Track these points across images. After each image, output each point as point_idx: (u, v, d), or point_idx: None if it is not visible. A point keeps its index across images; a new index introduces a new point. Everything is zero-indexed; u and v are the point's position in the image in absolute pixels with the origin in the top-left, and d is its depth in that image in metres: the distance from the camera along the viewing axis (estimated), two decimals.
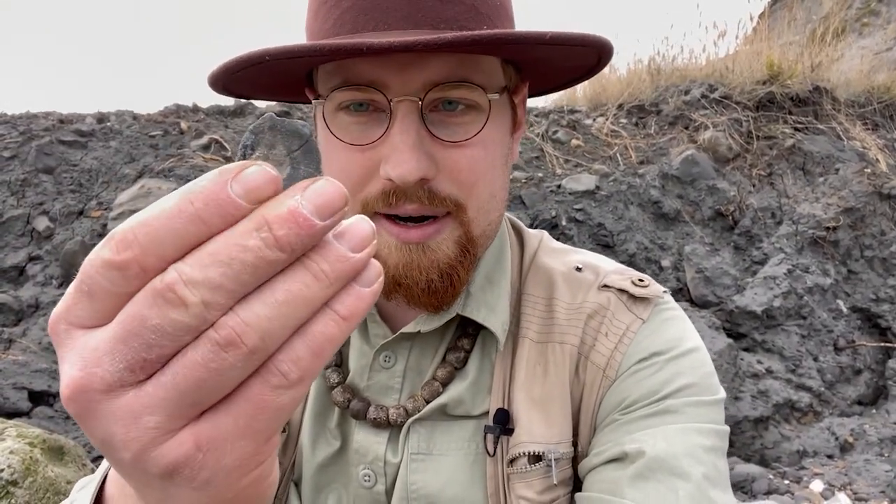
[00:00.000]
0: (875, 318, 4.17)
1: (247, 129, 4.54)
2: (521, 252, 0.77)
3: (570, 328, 0.69)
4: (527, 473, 0.64)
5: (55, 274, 3.99)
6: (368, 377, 0.71)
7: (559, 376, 0.68)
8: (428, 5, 0.59)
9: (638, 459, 0.60)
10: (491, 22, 0.62)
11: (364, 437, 0.69)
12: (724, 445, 0.64)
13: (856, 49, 7.53)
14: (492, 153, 0.63)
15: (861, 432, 3.50)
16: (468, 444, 0.67)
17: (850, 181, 4.53)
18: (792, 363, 3.85)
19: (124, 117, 5.15)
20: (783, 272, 4.09)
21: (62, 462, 2.37)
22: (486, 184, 0.64)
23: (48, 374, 3.30)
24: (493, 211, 0.66)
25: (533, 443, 0.65)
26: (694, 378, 0.65)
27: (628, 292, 0.70)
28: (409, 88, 0.59)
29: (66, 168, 4.58)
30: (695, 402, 0.64)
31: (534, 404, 0.66)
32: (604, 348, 0.68)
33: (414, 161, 0.58)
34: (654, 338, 0.68)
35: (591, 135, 5.18)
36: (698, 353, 0.68)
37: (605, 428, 0.65)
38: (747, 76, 5.42)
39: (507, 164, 0.67)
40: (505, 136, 0.66)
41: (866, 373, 4.01)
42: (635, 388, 0.65)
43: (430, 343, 0.71)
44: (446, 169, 0.61)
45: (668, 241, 4.55)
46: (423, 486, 0.66)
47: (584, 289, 0.72)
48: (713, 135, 4.98)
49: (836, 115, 5.35)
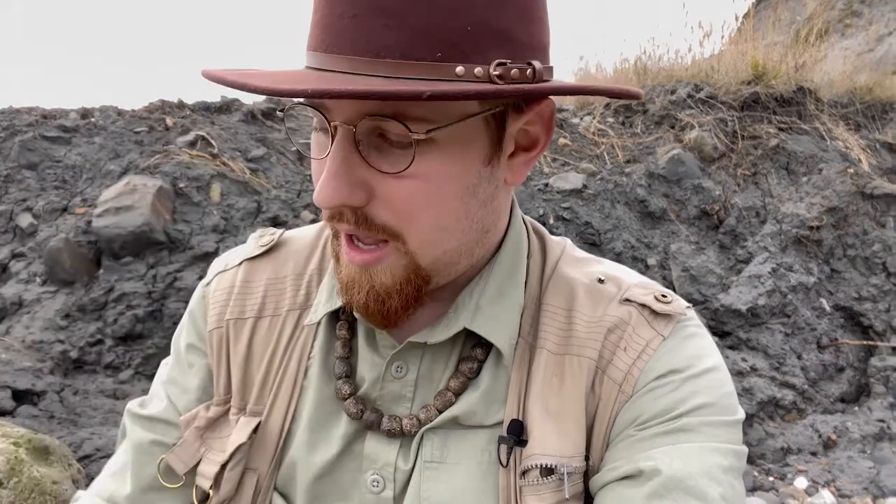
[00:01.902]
0: (857, 317, 4.23)
1: (233, 126, 4.48)
2: (542, 261, 0.75)
3: (588, 341, 0.68)
4: (539, 486, 0.63)
5: (39, 271, 3.94)
6: (381, 387, 0.70)
7: (575, 389, 0.67)
8: (371, 30, 0.55)
9: (654, 478, 0.59)
10: (453, 50, 0.55)
11: (375, 444, 0.69)
12: (741, 466, 0.63)
13: (838, 50, 7.62)
14: (438, 186, 0.59)
15: (844, 429, 3.54)
16: (481, 454, 0.67)
17: (834, 181, 4.58)
18: (776, 361, 3.89)
19: (109, 113, 5.10)
20: (767, 271, 4.13)
21: (47, 462, 2.35)
22: (432, 217, 0.61)
23: (32, 372, 3.27)
24: (445, 242, 0.63)
25: (546, 455, 0.64)
26: (711, 398, 0.64)
27: (650, 308, 0.69)
28: (344, 115, 0.58)
29: (49, 164, 4.53)
30: (712, 422, 0.63)
31: (548, 416, 0.66)
32: (622, 363, 0.66)
33: (331, 189, 0.58)
34: (672, 355, 0.66)
35: (579, 134, 5.20)
36: (717, 373, 0.67)
37: (619, 444, 0.64)
38: (732, 76, 5.47)
39: (475, 195, 0.62)
40: (468, 166, 0.61)
41: (849, 370, 4.06)
42: (651, 405, 0.64)
43: (442, 352, 0.70)
44: (382, 198, 0.60)
45: (654, 239, 4.58)
46: (435, 493, 0.65)
47: (605, 302, 0.71)
48: (699, 134, 5.02)
49: (819, 116, 5.41)
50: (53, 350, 3.49)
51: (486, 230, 0.67)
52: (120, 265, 3.85)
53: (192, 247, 3.91)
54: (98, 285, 3.78)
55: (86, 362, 3.52)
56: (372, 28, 0.55)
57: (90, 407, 3.18)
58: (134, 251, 3.88)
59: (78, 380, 3.41)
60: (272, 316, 0.76)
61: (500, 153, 0.63)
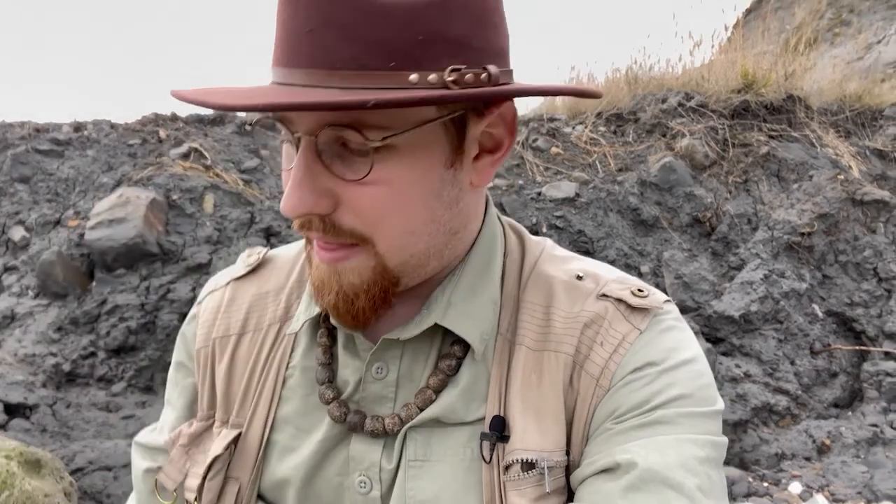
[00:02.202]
0: (850, 322, 4.24)
1: (226, 137, 4.49)
2: (521, 259, 0.76)
3: (565, 337, 0.69)
4: (520, 481, 0.64)
5: (31, 284, 3.93)
6: (363, 389, 0.71)
7: (553, 385, 0.67)
8: (327, 44, 0.57)
9: (630, 471, 0.59)
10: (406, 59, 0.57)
11: (359, 445, 0.70)
12: (719, 456, 0.63)
13: (828, 58, 7.67)
14: (402, 190, 0.61)
15: (837, 434, 3.55)
16: (463, 450, 0.68)
17: (824, 188, 4.61)
18: (769, 367, 3.90)
19: (101, 126, 5.10)
20: (760, 277, 4.15)
21: (39, 475, 2.34)
22: (399, 221, 0.63)
23: (24, 385, 3.26)
24: (412, 245, 0.65)
25: (527, 450, 0.64)
26: (688, 389, 0.64)
27: (626, 302, 0.70)
28: (305, 127, 0.60)
29: (42, 177, 4.53)
30: (688, 413, 0.63)
31: (528, 412, 0.66)
32: (598, 358, 0.67)
33: (296, 198, 0.60)
34: (649, 348, 0.67)
35: (571, 143, 5.23)
36: (695, 364, 0.67)
37: (597, 438, 0.65)
38: (723, 85, 5.51)
39: (439, 197, 0.64)
40: (429, 170, 0.62)
41: (842, 376, 4.07)
42: (627, 398, 0.65)
43: (421, 351, 0.71)
44: (347, 204, 0.62)
45: (647, 247, 4.60)
46: (420, 492, 0.67)
47: (582, 297, 0.71)
48: (690, 142, 5.05)
49: (809, 123, 5.45)
50: (46, 363, 3.48)
51: (454, 232, 0.68)
52: (113, 277, 3.84)
53: (185, 258, 3.91)
54: (91, 298, 3.78)
55: (78, 375, 3.50)
56: (328, 42, 0.57)
57: (83, 420, 3.17)
58: (127, 263, 3.88)
59: (70, 393, 3.40)
60: (254, 331, 0.79)
61: (462, 156, 0.64)
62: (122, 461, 2.78)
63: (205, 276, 3.81)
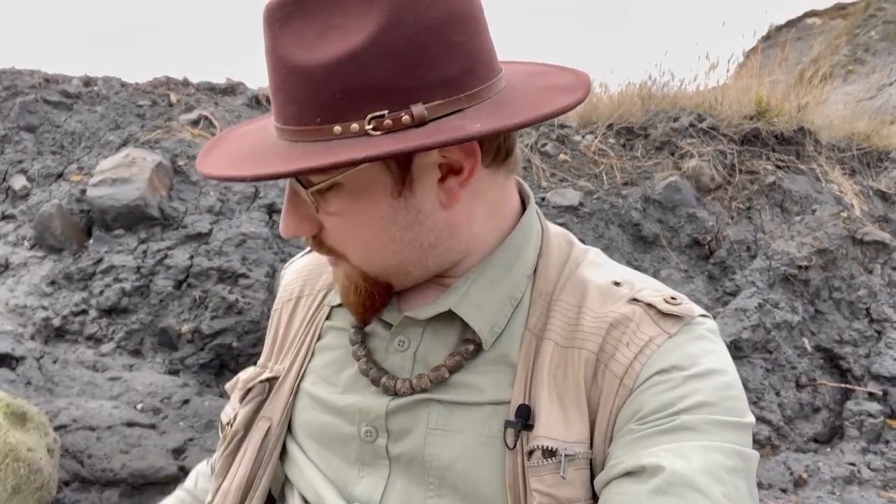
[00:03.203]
0: (837, 359, 4.28)
1: (237, 108, 4.46)
2: (563, 264, 0.80)
3: (590, 335, 0.71)
4: (540, 468, 0.67)
5: (28, 235, 3.90)
6: (385, 357, 0.79)
7: (576, 381, 0.70)
8: (280, 104, 0.67)
9: (657, 474, 0.60)
10: (329, 113, 0.64)
11: (371, 398, 0.78)
12: (747, 468, 0.63)
13: (840, 94, 7.71)
14: (352, 220, 0.70)
15: (815, 469, 3.58)
16: (481, 426, 0.72)
17: (826, 223, 4.64)
18: (754, 396, 3.92)
19: (112, 83, 5.06)
20: (754, 306, 4.17)
21: (24, 428, 2.33)
22: (358, 244, 0.73)
23: (13, 336, 3.23)
24: (380, 261, 0.74)
25: (549, 438, 0.67)
26: (713, 397, 0.65)
27: (656, 307, 0.71)
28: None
29: (48, 128, 4.49)
30: (713, 422, 0.63)
31: (553, 403, 0.69)
32: (623, 358, 0.69)
33: (283, 224, 0.73)
34: (677, 352, 0.68)
35: (579, 151, 5.23)
36: (723, 376, 0.67)
37: (621, 439, 0.66)
38: (735, 110, 5.52)
39: (394, 222, 0.70)
40: (375, 202, 0.69)
41: (824, 411, 4.11)
42: (651, 400, 0.66)
43: (442, 334, 0.77)
44: (324, 227, 0.73)
45: (644, 263, 4.61)
46: (437, 458, 0.72)
47: (613, 300, 0.74)
48: (698, 164, 5.06)
49: (817, 157, 5.48)
50: (36, 316, 3.46)
51: (430, 245, 0.73)
52: (111, 237, 3.81)
53: (185, 226, 3.88)
54: (87, 255, 3.75)
55: (68, 331, 3.48)
56: (280, 102, 0.68)
57: (68, 377, 3.15)
58: (126, 224, 3.85)
59: (58, 348, 3.38)
60: (308, 295, 0.91)
61: (410, 185, 0.69)
62: (106, 422, 2.77)
63: (203, 245, 3.79)
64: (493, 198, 0.76)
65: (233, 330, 3.54)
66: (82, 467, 2.60)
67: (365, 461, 0.77)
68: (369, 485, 0.76)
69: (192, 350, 3.52)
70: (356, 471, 0.77)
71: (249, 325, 3.51)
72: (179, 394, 3.18)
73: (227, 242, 3.80)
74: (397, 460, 0.75)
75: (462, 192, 0.71)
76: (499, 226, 0.78)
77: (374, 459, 0.77)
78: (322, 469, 0.79)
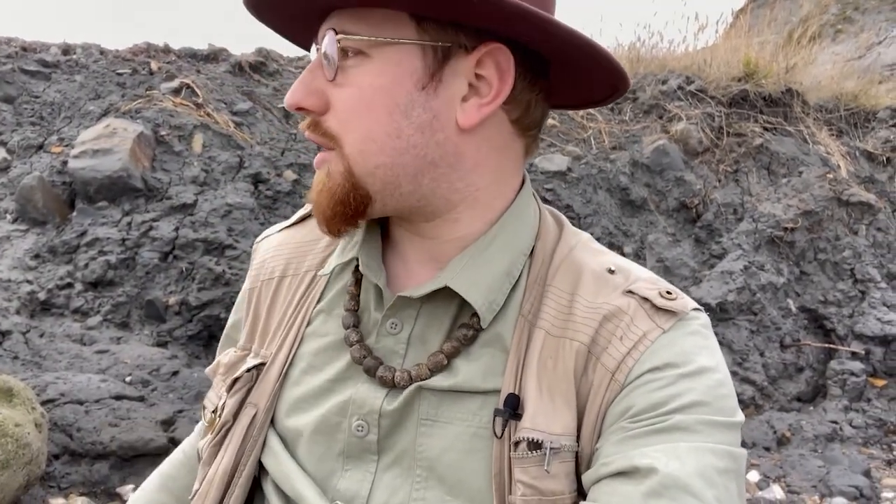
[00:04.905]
0: (821, 320, 4.33)
1: (220, 76, 4.39)
2: (555, 246, 0.78)
3: (583, 326, 0.70)
4: (525, 459, 0.66)
5: (9, 208, 3.86)
6: (377, 340, 0.76)
7: (566, 372, 0.68)
8: None
9: (651, 476, 0.59)
10: None
11: (365, 390, 0.74)
12: (737, 468, 0.63)
13: (828, 54, 7.67)
14: (367, 95, 0.68)
15: (798, 427, 3.65)
16: (472, 417, 0.70)
17: (812, 185, 4.65)
18: (739, 356, 3.97)
19: (91, 51, 4.96)
20: (739, 268, 4.20)
21: (11, 404, 2.33)
22: (362, 125, 0.68)
23: None
24: (374, 155, 0.69)
25: (535, 430, 0.66)
26: (706, 397, 0.64)
27: (651, 302, 0.70)
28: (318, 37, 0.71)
29: (27, 99, 4.41)
30: (706, 422, 0.63)
31: (542, 394, 0.68)
32: (616, 352, 0.67)
33: (291, 91, 0.70)
34: (671, 349, 0.67)
35: (568, 115, 5.19)
36: (716, 374, 0.66)
37: (612, 437, 0.65)
38: (724, 71, 5.48)
39: (406, 115, 0.68)
40: (397, 84, 0.67)
41: (808, 371, 4.17)
42: (644, 397, 0.64)
43: (437, 316, 0.74)
44: (333, 106, 0.70)
45: (632, 227, 4.63)
46: (428, 449, 0.70)
47: (608, 290, 0.72)
48: (685, 127, 5.04)
49: (804, 119, 5.47)
50: (21, 290, 3.44)
51: (431, 162, 0.70)
52: (94, 209, 3.78)
53: (169, 197, 3.85)
54: (70, 228, 3.72)
55: (53, 305, 3.47)
56: None
57: (56, 351, 3.14)
58: (109, 196, 3.81)
59: (45, 322, 3.37)
60: (293, 275, 0.86)
61: (438, 84, 0.68)
62: (95, 396, 2.78)
63: (188, 216, 3.77)
64: (505, 162, 0.75)
65: (220, 301, 3.53)
66: (71, 441, 2.61)
67: (350, 454, 0.74)
68: (355, 479, 0.73)
69: (180, 322, 3.51)
70: (340, 463, 0.74)
71: (237, 297, 3.51)
72: (168, 366, 3.18)
73: (212, 213, 3.78)
74: (386, 455, 0.73)
75: (477, 117, 0.69)
76: (501, 192, 0.76)
77: (362, 453, 0.74)
78: (302, 461, 0.77)
